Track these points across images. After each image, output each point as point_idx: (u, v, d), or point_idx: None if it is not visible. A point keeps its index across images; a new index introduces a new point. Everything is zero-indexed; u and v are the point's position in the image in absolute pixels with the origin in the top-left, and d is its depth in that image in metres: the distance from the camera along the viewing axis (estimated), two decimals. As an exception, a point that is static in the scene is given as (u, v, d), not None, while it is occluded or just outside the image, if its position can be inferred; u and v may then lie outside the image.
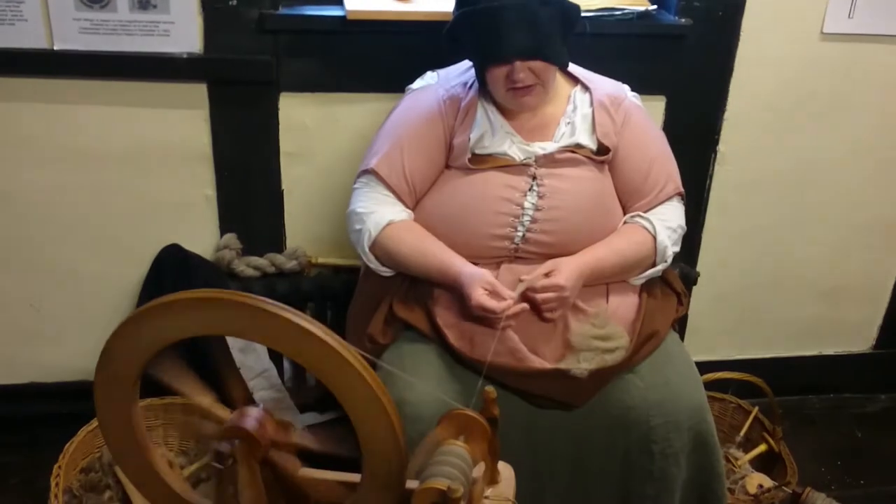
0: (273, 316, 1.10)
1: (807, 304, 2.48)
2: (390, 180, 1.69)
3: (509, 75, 1.60)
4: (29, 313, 2.12)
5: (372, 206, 1.70)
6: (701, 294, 2.35)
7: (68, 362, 2.15)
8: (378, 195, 1.71)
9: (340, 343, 1.11)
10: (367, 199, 1.72)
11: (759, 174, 2.27)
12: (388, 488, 1.22)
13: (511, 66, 1.59)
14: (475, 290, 1.56)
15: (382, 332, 1.70)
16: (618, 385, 1.63)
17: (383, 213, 1.69)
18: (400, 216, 1.70)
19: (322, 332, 1.11)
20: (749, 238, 2.35)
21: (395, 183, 1.69)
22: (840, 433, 2.45)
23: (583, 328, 1.62)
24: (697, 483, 1.71)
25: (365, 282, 1.83)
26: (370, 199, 1.71)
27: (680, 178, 1.78)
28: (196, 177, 2.03)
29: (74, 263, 2.08)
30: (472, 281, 1.57)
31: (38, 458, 2.05)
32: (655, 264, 1.73)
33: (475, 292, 1.55)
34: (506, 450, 1.33)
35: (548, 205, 1.65)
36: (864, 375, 2.60)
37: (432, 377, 1.59)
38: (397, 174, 1.69)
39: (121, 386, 1.21)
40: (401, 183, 1.70)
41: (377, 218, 1.69)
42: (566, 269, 1.61)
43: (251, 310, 1.11)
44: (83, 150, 1.97)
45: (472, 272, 1.60)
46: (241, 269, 2.08)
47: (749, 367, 2.20)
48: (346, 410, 1.16)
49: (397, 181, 1.69)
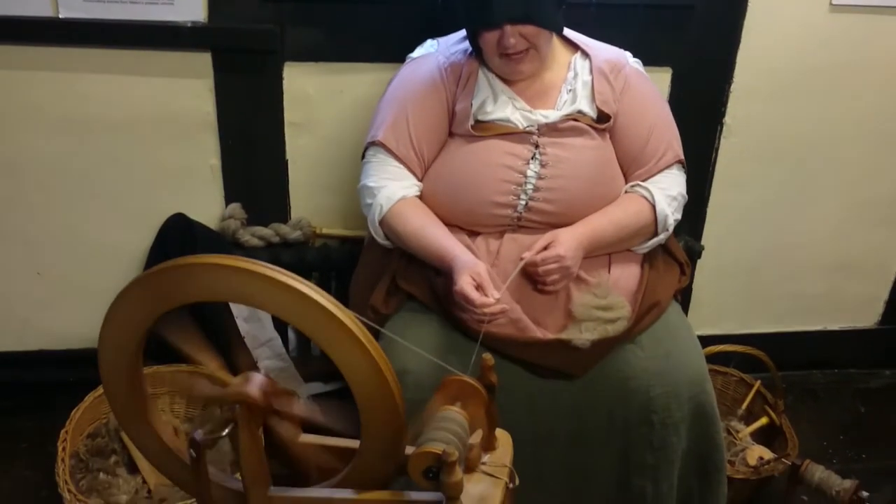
0: (276, 282, 1.11)
1: (812, 279, 2.47)
2: (399, 151, 1.69)
3: (500, 41, 1.59)
4: (36, 281, 2.14)
5: (383, 180, 1.70)
6: (705, 268, 2.35)
7: (75, 330, 2.17)
8: (389, 168, 1.71)
9: (342, 311, 1.12)
10: (377, 173, 1.72)
11: (766, 148, 2.26)
12: (387, 455, 1.23)
13: (501, 31, 1.58)
14: (462, 276, 1.54)
15: (385, 302, 1.71)
16: (619, 355, 1.64)
17: (394, 189, 1.69)
18: (411, 191, 1.70)
19: (324, 299, 1.11)
20: (755, 212, 2.34)
21: (403, 154, 1.69)
22: (843, 408, 2.45)
23: (584, 298, 1.62)
24: (697, 453, 1.72)
25: (368, 252, 1.84)
26: (381, 173, 1.71)
27: (681, 146, 1.76)
28: (201, 146, 2.03)
29: (80, 232, 2.09)
30: (463, 268, 1.56)
31: (47, 423, 2.08)
32: (657, 233, 1.73)
33: (461, 279, 1.53)
34: (506, 418, 1.35)
35: (550, 174, 1.65)
36: (868, 351, 2.60)
37: (433, 347, 1.60)
38: (405, 144, 1.69)
39: (124, 351, 1.22)
40: (409, 153, 1.70)
41: (388, 193, 1.69)
42: (565, 240, 1.61)
43: (255, 276, 1.11)
44: (88, 119, 1.97)
45: (466, 260, 1.58)
46: (246, 239, 2.09)
47: (753, 341, 2.19)
48: (346, 378, 1.17)
49: (406, 152, 1.69)
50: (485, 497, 1.21)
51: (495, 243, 1.68)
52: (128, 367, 1.24)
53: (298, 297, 1.11)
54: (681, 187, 1.76)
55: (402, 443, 1.21)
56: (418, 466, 1.11)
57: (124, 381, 1.26)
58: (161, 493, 1.85)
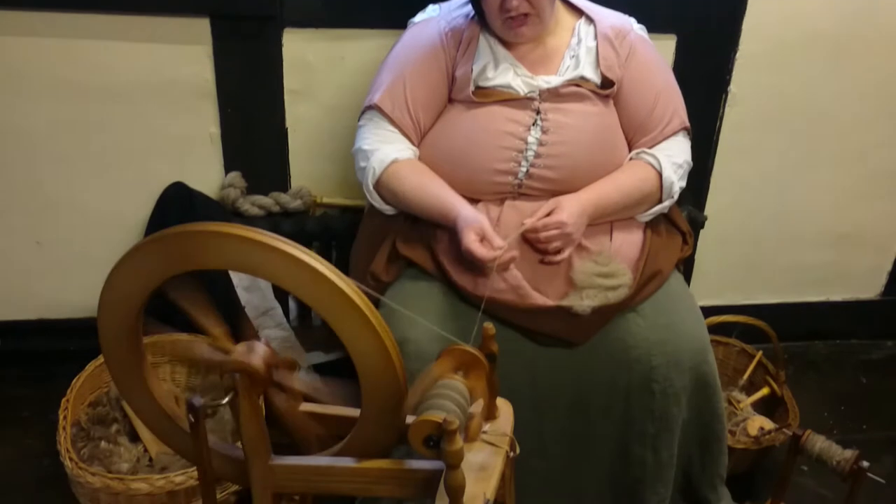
0: (277, 251, 1.10)
1: (815, 249, 2.46)
2: (394, 115, 1.67)
3: (503, 3, 1.57)
4: (35, 250, 2.13)
5: (377, 143, 1.69)
6: (708, 238, 2.33)
7: (75, 299, 2.16)
8: (383, 132, 1.70)
9: (343, 279, 1.11)
10: (371, 136, 1.70)
11: (771, 117, 2.23)
12: (387, 424, 1.23)
13: None
14: (467, 234, 1.54)
15: (385, 269, 1.70)
16: (620, 324, 1.63)
17: (388, 151, 1.68)
18: (405, 154, 1.69)
19: (325, 267, 1.11)
20: (758, 182, 2.32)
21: (398, 118, 1.68)
22: (844, 379, 2.45)
23: (586, 266, 1.61)
24: (698, 423, 1.72)
25: (368, 220, 1.83)
26: (375, 137, 1.70)
27: (686, 113, 1.75)
28: (200, 114, 2.01)
29: (79, 201, 2.08)
30: (466, 225, 1.55)
31: (49, 392, 2.08)
32: (662, 200, 1.72)
33: (466, 237, 1.54)
34: (507, 386, 1.34)
35: (552, 140, 1.63)
36: (871, 322, 2.59)
37: (434, 314, 1.60)
38: (401, 109, 1.67)
39: (124, 319, 1.22)
40: (405, 118, 1.68)
41: (381, 156, 1.67)
42: (568, 207, 1.60)
43: (257, 245, 1.11)
44: (85, 86, 1.95)
45: (467, 216, 1.58)
46: (246, 209, 2.08)
47: (755, 312, 2.18)
48: (347, 346, 1.16)
49: (401, 116, 1.68)
50: (485, 466, 1.21)
51: (496, 210, 1.66)
52: (128, 333, 1.23)
53: (299, 265, 1.10)
54: (686, 154, 1.74)
55: (403, 411, 1.21)
56: (419, 435, 1.11)
57: (124, 348, 1.25)
58: (162, 462, 1.85)
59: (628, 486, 1.75)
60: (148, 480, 1.68)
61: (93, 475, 1.69)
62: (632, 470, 1.72)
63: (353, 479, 1.27)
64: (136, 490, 1.67)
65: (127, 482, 1.68)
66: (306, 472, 1.28)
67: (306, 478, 1.28)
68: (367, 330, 1.13)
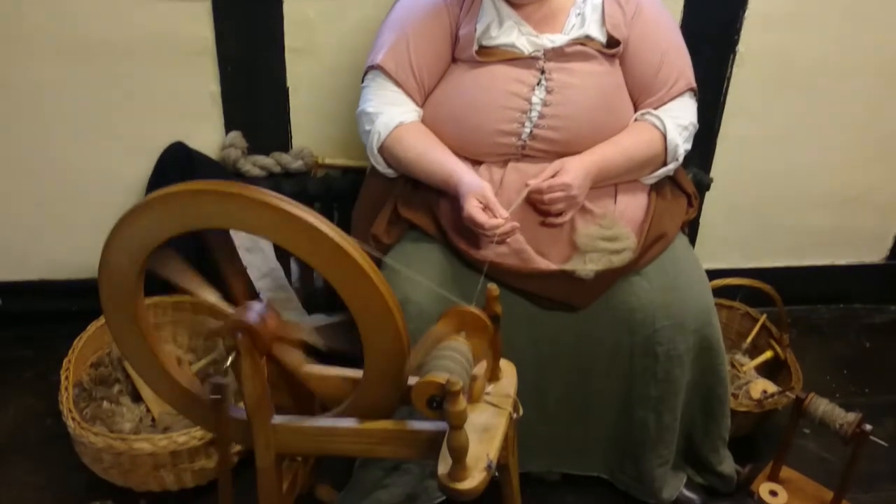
0: (279, 210, 1.09)
1: (821, 212, 2.44)
2: (398, 76, 1.65)
3: None
4: (35, 210, 2.12)
5: (381, 105, 1.66)
6: (714, 200, 2.31)
7: (76, 260, 2.15)
8: (387, 93, 1.67)
9: (344, 238, 1.10)
10: (376, 98, 1.67)
11: (779, 78, 2.19)
12: (389, 385, 1.22)
13: None
14: (469, 201, 1.51)
15: (387, 231, 1.69)
16: (624, 287, 1.62)
17: (392, 114, 1.65)
18: (410, 117, 1.66)
19: (326, 226, 1.10)
20: (765, 144, 2.29)
21: (402, 79, 1.65)
22: (848, 343, 2.44)
23: (589, 229, 1.60)
24: (701, 386, 1.72)
25: (370, 182, 1.81)
26: (379, 99, 1.67)
27: (693, 73, 1.71)
28: (199, 72, 1.98)
29: (78, 160, 2.06)
30: (468, 191, 1.53)
31: (51, 353, 2.09)
32: (666, 163, 1.69)
33: (468, 204, 1.51)
34: (509, 350, 1.34)
35: (556, 100, 1.61)
36: (875, 286, 2.58)
37: (436, 276, 1.59)
38: (405, 69, 1.64)
39: (124, 280, 1.21)
40: (409, 78, 1.65)
41: (386, 119, 1.65)
42: (572, 168, 1.58)
43: (257, 203, 1.10)
44: (83, 43, 1.92)
45: (470, 182, 1.55)
46: (247, 169, 2.06)
47: (759, 275, 2.17)
48: (349, 307, 1.15)
49: (405, 76, 1.65)
50: (488, 427, 1.21)
51: (499, 172, 1.64)
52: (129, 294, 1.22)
53: (301, 225, 1.09)
54: (692, 116, 1.71)
55: (405, 373, 1.20)
56: (422, 395, 1.11)
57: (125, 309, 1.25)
58: (165, 422, 1.86)
59: (631, 448, 1.75)
60: (150, 440, 1.69)
61: (95, 435, 1.69)
62: (634, 433, 1.72)
63: (356, 440, 1.27)
64: (138, 450, 1.68)
65: (129, 442, 1.68)
66: (309, 433, 1.28)
67: (309, 438, 1.29)
68: (370, 289, 1.12)
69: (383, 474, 1.68)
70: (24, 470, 1.90)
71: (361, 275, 1.11)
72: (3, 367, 2.17)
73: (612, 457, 1.80)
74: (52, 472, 1.88)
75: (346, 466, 1.75)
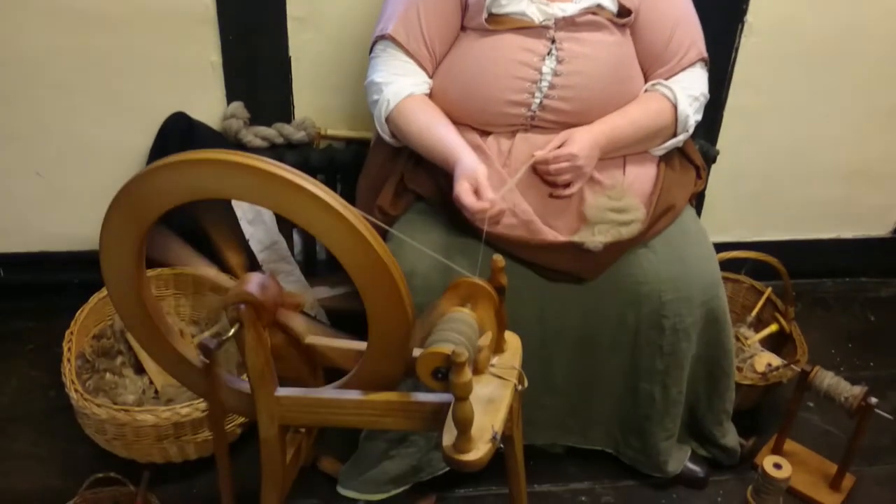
0: (282, 180, 1.08)
1: (828, 185, 2.42)
2: (409, 46, 1.62)
3: None
4: (35, 182, 2.10)
5: (390, 76, 1.63)
6: (719, 173, 2.29)
7: (77, 231, 2.14)
8: (397, 63, 1.64)
9: (349, 209, 1.09)
10: (385, 67, 1.64)
11: (787, 49, 2.16)
12: (394, 356, 1.22)
13: None
14: (460, 183, 1.48)
15: (393, 203, 1.67)
16: (631, 259, 1.61)
17: (402, 85, 1.62)
18: (420, 88, 1.64)
19: (331, 197, 1.08)
20: (772, 116, 2.27)
21: (414, 49, 1.62)
22: (853, 316, 2.44)
23: (598, 200, 1.58)
24: (706, 359, 1.71)
25: (375, 153, 1.79)
26: (389, 68, 1.64)
27: (704, 43, 1.69)
28: (200, 41, 1.95)
29: (79, 131, 2.04)
30: (461, 174, 1.50)
31: (53, 324, 2.09)
32: (676, 134, 1.67)
33: (459, 186, 1.48)
34: (515, 322, 1.33)
35: (567, 70, 1.58)
36: (881, 260, 2.57)
37: (442, 248, 1.57)
38: (416, 39, 1.61)
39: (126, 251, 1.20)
40: (420, 48, 1.62)
41: (396, 89, 1.62)
42: (580, 139, 1.55)
43: (260, 172, 1.08)
44: (83, 13, 1.89)
45: (466, 164, 1.51)
46: (249, 140, 2.04)
47: (765, 248, 2.15)
48: (353, 279, 1.14)
49: (416, 46, 1.62)
50: (493, 399, 1.20)
51: (507, 143, 1.62)
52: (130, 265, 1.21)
53: (305, 195, 1.08)
54: (703, 87, 1.69)
55: (410, 344, 1.19)
56: (427, 367, 1.10)
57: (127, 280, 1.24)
58: (168, 394, 1.85)
59: (636, 421, 1.75)
60: (154, 412, 1.68)
61: (98, 406, 1.69)
62: (640, 406, 1.72)
63: (360, 412, 1.27)
64: (141, 421, 1.68)
65: (133, 413, 1.68)
66: (312, 405, 1.28)
67: (312, 410, 1.28)
68: (374, 260, 1.11)
69: (388, 446, 1.68)
70: (27, 442, 1.90)
71: (365, 246, 1.10)
72: (5, 340, 2.17)
73: (617, 430, 1.79)
74: (55, 444, 1.89)
75: (350, 438, 1.75)
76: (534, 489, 1.81)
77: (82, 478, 1.65)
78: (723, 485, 1.87)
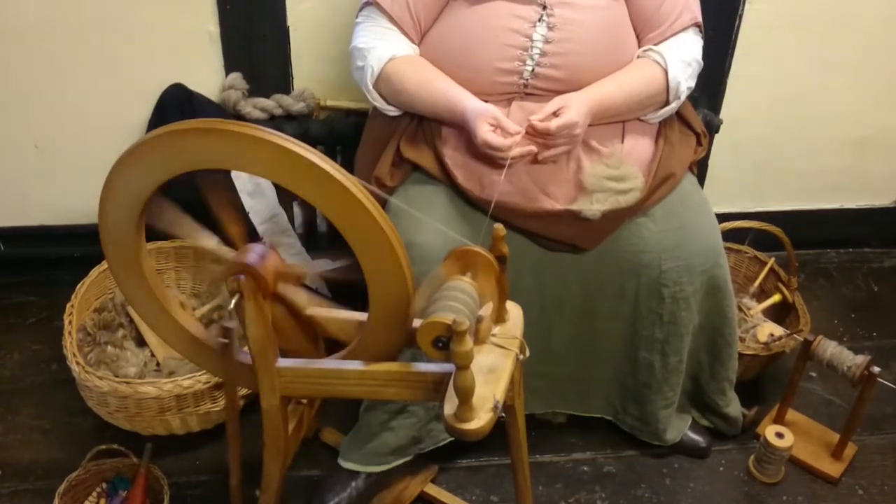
0: (281, 149, 1.07)
1: (831, 155, 2.40)
2: (392, 12, 1.60)
3: None
4: (34, 154, 2.09)
5: (373, 40, 1.62)
6: (723, 142, 2.27)
7: (76, 204, 2.14)
8: (380, 28, 1.62)
9: (349, 178, 1.08)
10: (368, 33, 1.63)
11: (792, 16, 2.13)
12: (394, 327, 1.21)
13: None
14: (480, 126, 1.48)
15: (390, 174, 1.66)
16: (630, 228, 1.60)
17: (385, 48, 1.60)
18: (404, 51, 1.61)
19: (330, 166, 1.07)
20: (776, 85, 2.24)
21: (397, 15, 1.60)
22: (856, 286, 2.43)
23: (596, 169, 1.56)
24: (709, 327, 1.71)
25: (372, 123, 1.77)
26: (372, 34, 1.62)
27: (699, 8, 1.65)
28: (197, 11, 1.93)
29: (76, 103, 2.02)
30: (476, 116, 1.49)
31: (55, 298, 2.09)
32: (669, 101, 1.64)
33: (480, 129, 1.48)
34: (515, 292, 1.32)
35: (558, 37, 1.55)
36: (885, 230, 2.55)
37: (441, 218, 1.56)
38: (400, 5, 1.59)
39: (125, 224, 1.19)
40: (404, 15, 1.60)
41: (379, 53, 1.60)
42: (577, 105, 1.52)
43: (260, 142, 1.07)
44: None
45: (476, 107, 1.51)
46: (248, 111, 2.02)
47: (768, 219, 2.14)
48: (353, 248, 1.14)
49: (400, 13, 1.60)
50: (495, 368, 1.20)
51: (503, 112, 1.60)
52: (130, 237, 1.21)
53: (304, 164, 1.07)
54: (696, 52, 1.65)
55: (410, 314, 1.19)
56: (428, 336, 1.09)
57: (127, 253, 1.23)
58: (169, 366, 1.85)
59: (635, 390, 1.75)
60: (155, 384, 1.68)
61: (100, 379, 1.69)
62: (639, 374, 1.72)
63: (361, 383, 1.26)
64: (143, 394, 1.68)
65: (134, 386, 1.68)
66: (313, 375, 1.27)
67: (314, 381, 1.28)
68: (373, 229, 1.10)
69: (389, 417, 1.68)
70: (29, 414, 1.90)
71: (365, 214, 1.09)
72: (7, 313, 2.17)
73: (616, 398, 1.79)
74: (57, 417, 1.89)
75: (351, 410, 1.75)
76: (535, 459, 1.81)
77: (85, 450, 1.66)
78: (725, 454, 1.88)
